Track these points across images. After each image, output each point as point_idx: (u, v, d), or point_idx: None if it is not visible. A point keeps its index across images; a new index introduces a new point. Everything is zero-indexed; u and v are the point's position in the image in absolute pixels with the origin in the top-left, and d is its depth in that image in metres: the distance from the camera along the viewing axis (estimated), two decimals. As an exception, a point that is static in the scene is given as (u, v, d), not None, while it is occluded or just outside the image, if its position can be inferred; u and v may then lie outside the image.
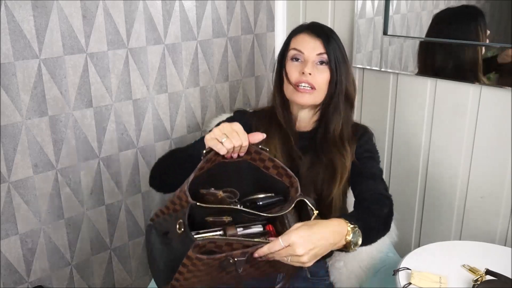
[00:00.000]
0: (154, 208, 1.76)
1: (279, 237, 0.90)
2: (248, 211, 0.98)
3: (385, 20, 1.66)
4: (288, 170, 1.05)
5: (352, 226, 0.99)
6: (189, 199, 0.93)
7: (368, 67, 1.73)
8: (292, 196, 1.03)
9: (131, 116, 1.61)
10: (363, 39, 1.73)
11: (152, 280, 1.30)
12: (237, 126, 1.00)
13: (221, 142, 0.97)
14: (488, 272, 1.14)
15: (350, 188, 1.30)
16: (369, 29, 1.70)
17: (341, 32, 1.80)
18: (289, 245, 0.89)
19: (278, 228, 1.01)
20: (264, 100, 2.01)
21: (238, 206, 1.00)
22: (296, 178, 1.04)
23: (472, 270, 1.18)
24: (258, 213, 0.99)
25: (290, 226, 0.96)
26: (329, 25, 1.80)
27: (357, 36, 1.73)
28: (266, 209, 1.02)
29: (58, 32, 1.38)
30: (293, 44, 1.27)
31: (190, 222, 0.92)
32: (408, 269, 1.17)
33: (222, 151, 0.98)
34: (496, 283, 1.11)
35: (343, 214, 1.07)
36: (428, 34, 1.56)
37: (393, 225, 1.46)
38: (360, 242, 1.01)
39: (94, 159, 1.55)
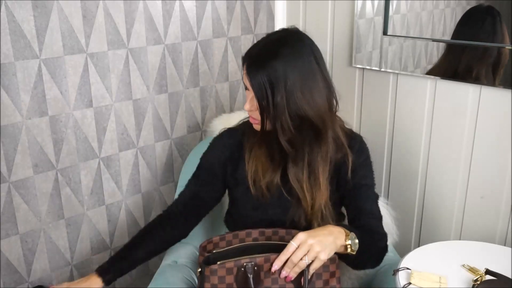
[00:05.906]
0: (154, 208, 1.76)
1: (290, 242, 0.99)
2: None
3: (385, 20, 1.66)
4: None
5: (349, 232, 1.05)
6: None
7: (368, 67, 1.73)
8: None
9: (131, 116, 1.61)
10: (363, 39, 1.73)
11: (152, 280, 1.29)
12: None
13: None
14: (488, 272, 1.14)
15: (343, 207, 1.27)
16: (369, 29, 1.70)
17: (341, 32, 1.80)
18: (300, 244, 0.97)
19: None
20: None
21: None
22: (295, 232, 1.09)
23: (472, 270, 1.18)
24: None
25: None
26: (329, 25, 1.81)
27: (357, 36, 1.73)
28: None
29: (58, 32, 1.38)
30: None
31: None
32: (408, 269, 1.17)
33: None
34: (496, 283, 1.11)
35: (342, 224, 1.11)
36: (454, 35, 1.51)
37: (393, 225, 1.46)
38: (357, 246, 1.05)
39: (94, 159, 1.55)
